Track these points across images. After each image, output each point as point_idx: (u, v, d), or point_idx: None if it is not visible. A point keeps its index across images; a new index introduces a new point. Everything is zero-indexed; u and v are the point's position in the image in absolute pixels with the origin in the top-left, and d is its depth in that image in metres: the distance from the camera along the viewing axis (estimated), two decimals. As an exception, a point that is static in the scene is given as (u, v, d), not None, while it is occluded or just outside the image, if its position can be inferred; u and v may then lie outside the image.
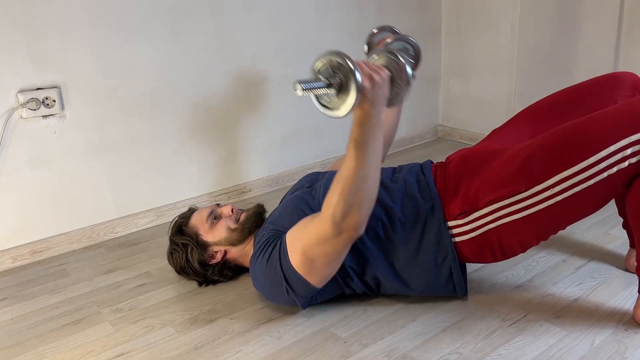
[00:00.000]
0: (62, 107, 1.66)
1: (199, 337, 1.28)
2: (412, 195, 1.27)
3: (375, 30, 1.52)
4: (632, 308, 1.26)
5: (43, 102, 1.62)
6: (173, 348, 1.24)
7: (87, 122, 1.72)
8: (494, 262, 1.27)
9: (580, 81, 1.40)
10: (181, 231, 1.44)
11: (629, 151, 1.07)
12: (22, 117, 1.60)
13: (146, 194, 1.89)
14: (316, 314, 1.32)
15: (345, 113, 1.02)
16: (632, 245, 1.43)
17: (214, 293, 1.45)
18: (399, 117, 1.58)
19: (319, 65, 1.03)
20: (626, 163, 1.07)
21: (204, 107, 1.94)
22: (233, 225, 1.42)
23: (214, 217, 1.43)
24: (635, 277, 1.37)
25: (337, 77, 1.01)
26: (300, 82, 0.99)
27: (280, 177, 2.21)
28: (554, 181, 1.11)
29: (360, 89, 0.98)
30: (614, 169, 1.08)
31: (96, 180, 1.78)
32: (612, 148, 1.07)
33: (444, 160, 1.38)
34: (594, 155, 1.08)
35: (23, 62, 1.58)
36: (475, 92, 2.54)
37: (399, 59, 1.15)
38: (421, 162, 1.38)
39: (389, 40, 1.43)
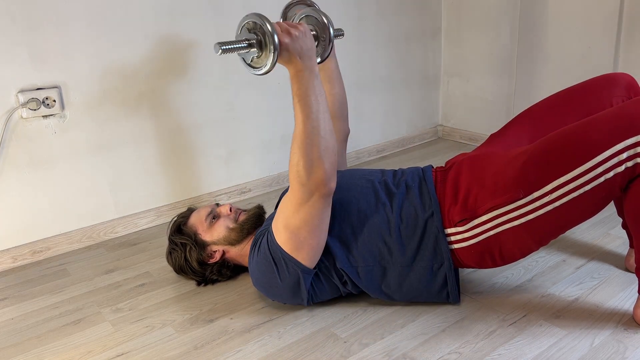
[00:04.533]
0: (63, 107, 1.66)
1: (199, 337, 1.28)
2: (412, 201, 1.27)
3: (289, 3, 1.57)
4: (631, 308, 1.26)
5: (43, 102, 1.62)
6: (173, 348, 1.25)
7: (87, 122, 1.72)
8: (494, 267, 1.28)
9: (579, 81, 1.40)
10: (180, 230, 1.45)
11: (624, 155, 1.07)
12: (22, 117, 1.60)
13: (146, 194, 1.89)
14: (316, 313, 1.32)
15: (269, 67, 1.11)
16: (631, 246, 1.43)
17: (213, 293, 1.45)
18: (342, 85, 1.59)
19: (239, 29, 1.16)
20: (622, 167, 1.08)
21: (203, 107, 1.94)
22: (232, 225, 1.42)
23: (213, 217, 1.43)
24: (635, 277, 1.37)
25: (256, 36, 1.12)
26: (220, 44, 1.10)
27: (280, 177, 2.21)
28: (552, 187, 1.11)
29: (277, 45, 1.08)
30: (611, 173, 1.08)
31: (96, 180, 1.78)
32: (608, 152, 1.07)
33: (444, 165, 1.38)
34: (591, 160, 1.08)
35: (23, 62, 1.58)
36: (475, 92, 2.54)
37: (319, 15, 1.25)
38: (422, 167, 1.39)
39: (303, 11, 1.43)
